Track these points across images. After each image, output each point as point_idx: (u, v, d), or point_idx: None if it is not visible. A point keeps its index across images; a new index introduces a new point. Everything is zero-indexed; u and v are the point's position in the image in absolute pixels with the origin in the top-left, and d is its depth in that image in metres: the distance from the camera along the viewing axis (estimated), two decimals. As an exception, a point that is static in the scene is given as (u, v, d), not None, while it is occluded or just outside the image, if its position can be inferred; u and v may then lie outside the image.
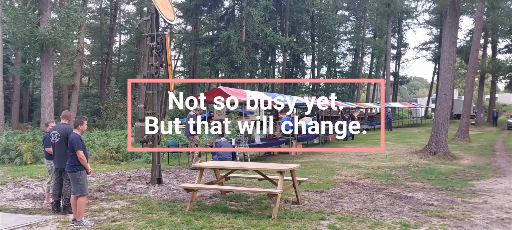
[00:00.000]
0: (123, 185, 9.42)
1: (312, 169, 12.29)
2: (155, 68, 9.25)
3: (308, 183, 9.95)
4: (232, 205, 7.54)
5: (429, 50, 53.80)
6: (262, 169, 7.06)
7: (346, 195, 8.62)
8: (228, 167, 7.24)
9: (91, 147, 14.38)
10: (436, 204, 7.85)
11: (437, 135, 15.29)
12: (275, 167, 7.01)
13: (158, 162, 9.43)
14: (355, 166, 12.83)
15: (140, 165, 13.10)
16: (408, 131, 30.78)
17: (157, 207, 7.38)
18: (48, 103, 20.24)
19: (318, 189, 9.14)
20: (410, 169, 12.33)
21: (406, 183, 10.04)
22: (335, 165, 13.14)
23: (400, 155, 15.70)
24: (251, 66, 32.32)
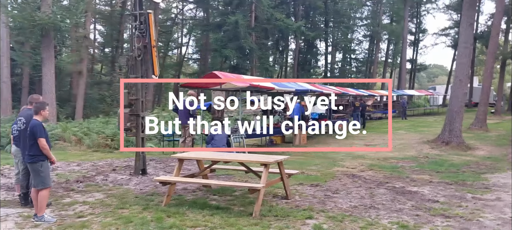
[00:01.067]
0: (105, 175, 8.84)
1: (313, 159, 11.54)
2: (138, 50, 8.59)
3: (305, 175, 9.24)
4: (214, 199, 6.86)
5: (448, 36, 51.80)
6: (247, 161, 6.35)
7: (343, 189, 7.86)
8: (209, 158, 6.56)
9: (86, 135, 13.90)
10: (442, 201, 7.04)
11: (451, 124, 14.32)
12: (259, 159, 6.29)
13: (142, 152, 8.82)
14: (360, 157, 12.02)
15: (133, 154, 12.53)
16: (423, 119, 29.64)
17: (132, 201, 6.76)
18: (50, 89, 19.84)
19: (313, 182, 8.40)
20: (419, 161, 11.47)
21: (412, 176, 9.22)
22: (339, 155, 12.36)
23: (410, 145, 14.80)
24: (261, 52, 31.43)
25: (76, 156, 11.96)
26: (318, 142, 16.01)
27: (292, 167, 10.04)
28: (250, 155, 6.68)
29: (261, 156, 6.58)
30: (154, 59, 8.57)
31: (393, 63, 54.69)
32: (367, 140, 16.67)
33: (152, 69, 8.66)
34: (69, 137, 13.76)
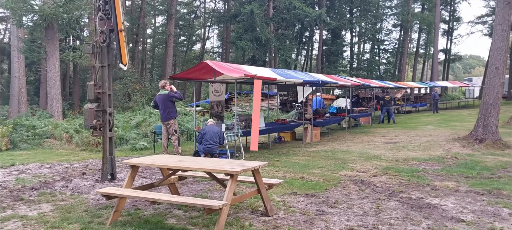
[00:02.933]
0: (67, 181, 7.65)
1: (319, 160, 10.02)
2: (103, 36, 7.33)
3: (304, 181, 7.77)
4: (176, 216, 5.50)
5: (485, 24, 48.50)
6: (210, 170, 4.95)
7: (344, 201, 6.35)
8: (164, 165, 5.20)
9: (77, 132, 12.86)
10: (469, 220, 5.43)
11: (485, 119, 12.43)
12: (224, 167, 4.87)
13: (110, 154, 7.57)
14: (375, 157, 10.41)
15: (123, 153, 11.39)
16: (457, 113, 27.35)
17: (76, 217, 5.50)
18: (54, 84, 19.07)
19: (310, 191, 6.93)
20: (446, 162, 9.74)
21: (434, 183, 7.57)
22: (351, 155, 10.78)
23: (437, 142, 12.99)
24: (279, 43, 29.81)
25: (61, 155, 10.91)
26: (333, 139, 14.42)
27: (292, 170, 8.63)
28: (216, 162, 5.26)
29: (229, 164, 5.15)
30: (121, 45, 7.29)
31: (425, 54, 51.91)
32: (388, 137, 14.94)
33: (120, 57, 7.38)
34: (60, 135, 12.77)
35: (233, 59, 39.43)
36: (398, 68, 47.59)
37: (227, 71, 9.72)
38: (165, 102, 9.89)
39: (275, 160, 9.99)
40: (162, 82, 10.24)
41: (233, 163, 5.23)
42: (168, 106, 9.88)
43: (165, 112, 9.92)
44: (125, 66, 7.52)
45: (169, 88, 10.08)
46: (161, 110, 10.00)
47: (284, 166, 9.20)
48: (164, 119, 10.01)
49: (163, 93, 9.98)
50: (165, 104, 9.89)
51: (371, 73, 45.36)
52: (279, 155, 10.79)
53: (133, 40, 42.71)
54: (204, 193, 6.79)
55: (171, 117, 9.94)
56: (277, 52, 31.78)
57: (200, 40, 48.21)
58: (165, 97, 9.90)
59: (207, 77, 10.94)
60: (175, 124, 10.04)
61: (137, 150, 11.68)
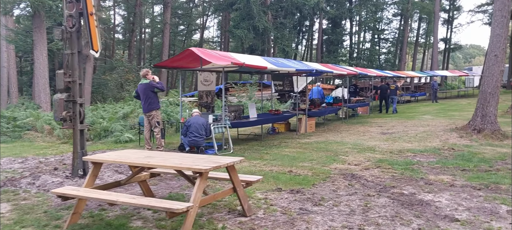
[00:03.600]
0: (35, 177, 7.20)
1: (311, 152, 9.59)
2: (72, 20, 6.85)
3: (292, 175, 7.34)
4: (142, 218, 5.07)
5: (486, 13, 47.70)
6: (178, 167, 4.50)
7: (330, 198, 5.92)
8: (132, 162, 4.76)
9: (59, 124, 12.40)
10: (463, 219, 5.00)
11: (484, 108, 11.97)
12: (193, 164, 4.43)
13: (81, 148, 7.13)
14: (369, 149, 9.97)
15: (106, 145, 10.96)
16: (456, 102, 26.90)
17: (34, 219, 5.07)
18: (42, 74, 18.62)
19: (296, 187, 6.51)
20: (442, 154, 9.30)
21: (428, 177, 7.14)
22: (345, 147, 10.34)
23: (435, 133, 12.56)
24: (277, 32, 29.22)
25: (39, 148, 10.49)
26: (328, 130, 13.98)
27: (281, 164, 8.21)
28: (187, 158, 4.82)
29: (200, 160, 4.71)
30: (92, 30, 6.82)
31: (425, 43, 51.30)
32: (385, 127, 14.49)
33: (91, 42, 6.91)
34: (41, 127, 12.33)
35: (232, 48, 38.83)
36: (398, 57, 47.01)
37: (214, 59, 9.25)
38: (146, 92, 9.41)
39: (265, 153, 9.56)
40: (144, 71, 9.73)
41: (206, 159, 4.79)
42: (149, 96, 9.40)
43: (146, 103, 9.44)
44: (96, 53, 7.06)
45: (151, 77, 9.59)
46: (143, 101, 9.53)
47: (273, 159, 8.78)
48: (145, 110, 9.54)
49: (144, 82, 9.50)
50: (146, 94, 9.42)
51: (371, 63, 44.84)
52: (270, 147, 10.36)
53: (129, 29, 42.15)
54: (182, 191, 6.37)
55: (153, 108, 9.46)
56: (275, 42, 31.24)
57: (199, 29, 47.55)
58: (146, 86, 9.41)
59: (193, 66, 10.48)
60: (157, 115, 9.56)
61: (121, 143, 11.25)
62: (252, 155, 9.22)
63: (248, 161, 8.53)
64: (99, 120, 12.84)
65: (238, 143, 11.18)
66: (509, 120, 14.78)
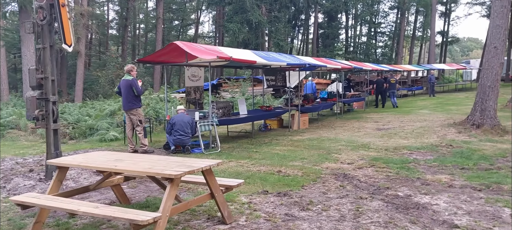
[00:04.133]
0: (7, 180, 6.75)
1: (302, 150, 9.15)
2: (43, 12, 6.37)
3: (280, 175, 6.91)
4: (114, 226, 4.62)
5: (483, 5, 47.31)
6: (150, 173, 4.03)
7: (320, 201, 5.49)
8: (98, 167, 4.30)
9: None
10: (463, 225, 4.58)
11: (483, 102, 11.55)
12: (165, 169, 3.97)
13: (55, 149, 6.67)
14: (363, 146, 9.54)
15: (90, 144, 10.50)
16: (454, 96, 26.51)
17: (-3, 227, 4.64)
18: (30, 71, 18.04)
19: (284, 189, 6.07)
20: (440, 151, 8.88)
21: (425, 177, 6.71)
22: (338, 144, 9.91)
23: (432, 128, 12.14)
24: (270, 26, 28.71)
25: (20, 148, 10.01)
26: (322, 126, 13.55)
27: (270, 163, 7.77)
28: (159, 161, 4.37)
29: (174, 164, 4.26)
30: (64, 23, 6.34)
31: (422, 36, 50.90)
32: (381, 123, 14.07)
33: (64, 36, 6.43)
34: (25, 125, 11.85)
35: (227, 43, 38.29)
36: (395, 51, 46.60)
37: (200, 53, 8.78)
38: (128, 89, 8.94)
39: (254, 151, 9.11)
40: (128, 66, 9.23)
41: (179, 163, 4.33)
42: (130, 93, 8.92)
43: (126, 100, 8.97)
44: (69, 47, 6.57)
45: (135, 74, 9.12)
46: (123, 98, 9.05)
47: (262, 158, 8.33)
48: (125, 107, 9.07)
49: (127, 78, 9.02)
50: (128, 91, 8.94)
51: (367, 57, 44.45)
52: (260, 145, 9.92)
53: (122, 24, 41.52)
54: (161, 194, 5.92)
55: (134, 107, 8.99)
56: (270, 36, 30.74)
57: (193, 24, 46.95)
58: (129, 83, 8.94)
59: (179, 60, 10.01)
60: (139, 114, 9.10)
61: (106, 142, 10.79)
62: (240, 154, 8.78)
63: (236, 161, 8.09)
64: (85, 118, 12.36)
65: (227, 141, 10.73)
66: (508, 114, 14.38)
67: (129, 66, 9.25)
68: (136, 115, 8.99)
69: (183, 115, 9.00)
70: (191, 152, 8.88)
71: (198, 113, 9.39)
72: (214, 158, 8.37)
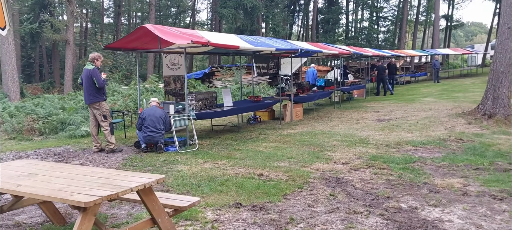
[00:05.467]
0: None
1: (291, 147, 8.03)
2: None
3: (261, 180, 5.83)
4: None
5: (489, -13, 45.73)
6: (55, 199, 2.91)
7: (303, 218, 4.40)
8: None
9: (12, 116, 10.86)
10: (487, 255, 3.47)
11: (495, 90, 10.39)
12: (73, 195, 2.86)
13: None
14: (361, 142, 8.42)
15: (57, 141, 9.42)
16: (460, 82, 25.25)
17: None
18: (9, 60, 16.95)
19: (262, 199, 4.98)
20: (449, 147, 7.75)
21: (434, 181, 5.60)
22: (333, 139, 8.79)
23: (438, 119, 11.00)
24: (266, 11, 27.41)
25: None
26: (318, 118, 12.43)
27: (251, 164, 6.68)
28: (77, 176, 3.25)
29: (95, 183, 3.15)
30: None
31: (426, 21, 49.35)
32: (382, 113, 12.93)
33: (-5, 18, 5.29)
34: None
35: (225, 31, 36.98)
36: (398, 36, 45.17)
37: (173, 37, 7.64)
38: (89, 80, 7.81)
39: (236, 149, 8.01)
40: (94, 54, 8.06)
41: (106, 179, 3.23)
42: (91, 85, 7.80)
43: (87, 93, 7.85)
44: (3, 30, 5.43)
45: (99, 64, 7.98)
46: (85, 90, 7.93)
47: (243, 158, 7.23)
48: (87, 101, 7.94)
49: (88, 68, 7.89)
50: (89, 83, 7.82)
51: (369, 43, 43.08)
52: (245, 141, 8.81)
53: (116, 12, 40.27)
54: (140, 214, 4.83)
55: (96, 100, 7.86)
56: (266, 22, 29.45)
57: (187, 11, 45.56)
58: (89, 73, 7.81)
59: (152, 47, 8.87)
60: (103, 108, 7.98)
61: (76, 138, 9.72)
62: (219, 153, 7.68)
63: (212, 161, 7.00)
64: (58, 111, 11.28)
65: (209, 136, 9.63)
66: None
67: (94, 54, 8.09)
68: (99, 109, 7.88)
69: (155, 108, 7.88)
70: (164, 151, 7.79)
71: (173, 106, 8.27)
72: (187, 158, 7.28)
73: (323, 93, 14.25)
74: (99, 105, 7.86)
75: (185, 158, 7.25)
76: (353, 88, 17.54)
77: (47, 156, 7.75)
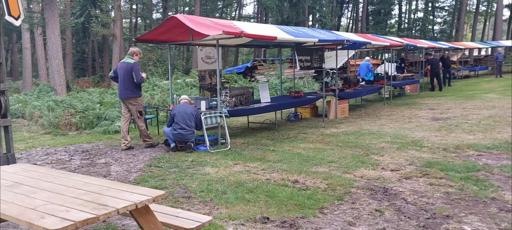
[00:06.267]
0: None
1: (333, 149, 7.22)
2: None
3: (295, 188, 5.11)
4: None
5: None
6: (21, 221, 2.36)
7: (340, 241, 3.64)
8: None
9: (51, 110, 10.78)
10: None
11: None
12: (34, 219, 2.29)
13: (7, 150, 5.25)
14: (414, 144, 7.45)
15: (90, 137, 9.16)
16: (525, 77, 23.05)
17: None
18: (55, 54, 17.20)
19: (294, 213, 4.27)
20: (520, 152, 6.64)
21: (504, 196, 4.64)
22: (381, 140, 7.87)
23: (504, 118, 9.73)
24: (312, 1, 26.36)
25: (11, 142, 8.81)
26: (366, 115, 11.47)
27: (286, 168, 5.98)
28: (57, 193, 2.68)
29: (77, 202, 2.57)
30: None
31: (487, 11, 46.06)
32: (438, 110, 11.75)
33: (8, 6, 4.91)
34: (30, 114, 10.78)
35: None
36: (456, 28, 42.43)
37: (203, 27, 7.06)
38: (127, 74, 7.50)
39: (271, 150, 7.31)
40: (134, 49, 7.80)
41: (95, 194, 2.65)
42: (129, 79, 7.50)
43: (124, 87, 7.51)
44: (16, 20, 5.06)
45: (138, 59, 7.70)
46: (120, 84, 7.57)
47: (278, 160, 6.52)
48: (122, 95, 7.57)
49: (128, 61, 7.58)
50: (126, 76, 7.50)
51: (424, 34, 40.80)
52: (282, 141, 8.09)
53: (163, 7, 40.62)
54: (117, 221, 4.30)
55: (134, 95, 7.57)
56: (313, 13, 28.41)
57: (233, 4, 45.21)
58: (129, 67, 7.51)
59: (184, 39, 8.33)
60: (139, 104, 7.67)
61: (109, 134, 9.42)
62: (252, 154, 7.01)
63: (243, 163, 6.34)
64: (95, 106, 11.09)
65: (244, 134, 8.99)
66: None
67: (135, 48, 7.87)
68: (136, 104, 7.59)
69: (186, 105, 7.36)
70: (194, 150, 7.25)
71: (205, 102, 7.70)
72: (217, 159, 6.67)
73: (371, 89, 13.21)
74: (136, 101, 7.57)
75: (215, 159, 6.65)
76: (405, 82, 16.28)
77: (75, 153, 7.43)
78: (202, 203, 4.69)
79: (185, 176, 5.72)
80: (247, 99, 8.91)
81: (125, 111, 7.71)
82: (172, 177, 5.65)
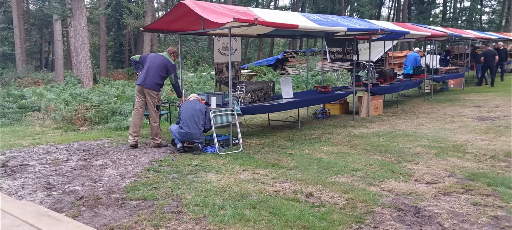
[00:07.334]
0: None
1: (359, 154, 6.28)
2: None
3: (308, 204, 4.31)
4: None
5: None
6: None
7: None
8: None
9: (66, 104, 10.39)
10: None
11: None
12: None
13: None
14: (455, 149, 6.39)
15: (100, 133, 8.64)
16: None
17: None
18: (82, 46, 17.03)
19: (296, 242, 3.44)
20: None
21: None
22: (417, 143, 6.85)
23: None
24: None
25: (22, 136, 8.42)
26: (402, 112, 10.38)
27: (301, 178, 5.18)
28: None
29: None
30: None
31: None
32: (484, 108, 10.49)
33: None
34: (46, 107, 10.45)
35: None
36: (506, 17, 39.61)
37: (213, 14, 6.29)
38: (161, 66, 6.99)
39: (288, 153, 6.45)
40: (174, 49, 7.37)
41: None
42: (162, 71, 7.00)
43: (153, 76, 6.92)
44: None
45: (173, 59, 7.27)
46: (148, 72, 6.93)
47: (293, 167, 5.67)
48: (147, 83, 6.92)
49: (164, 56, 7.11)
50: (160, 67, 6.98)
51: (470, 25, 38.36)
52: (302, 143, 7.21)
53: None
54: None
55: (158, 88, 7.04)
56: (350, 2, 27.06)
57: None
58: (165, 61, 7.04)
59: (196, 28, 7.59)
60: (158, 98, 7.14)
61: (121, 130, 8.87)
62: (265, 158, 6.18)
63: (252, 170, 5.54)
64: (112, 99, 10.62)
65: (262, 133, 8.16)
66: None
67: (174, 48, 7.47)
68: (156, 97, 7.06)
69: (196, 101, 6.64)
70: (202, 152, 6.53)
71: (216, 98, 6.95)
72: (224, 163, 5.90)
73: (410, 83, 12.02)
74: (157, 95, 7.05)
75: (222, 163, 5.89)
76: (448, 76, 14.90)
77: (75, 152, 6.89)
78: (192, 220, 3.95)
79: (182, 184, 5.00)
80: (266, 94, 8.09)
81: (140, 104, 7.12)
82: (167, 186, 4.94)
